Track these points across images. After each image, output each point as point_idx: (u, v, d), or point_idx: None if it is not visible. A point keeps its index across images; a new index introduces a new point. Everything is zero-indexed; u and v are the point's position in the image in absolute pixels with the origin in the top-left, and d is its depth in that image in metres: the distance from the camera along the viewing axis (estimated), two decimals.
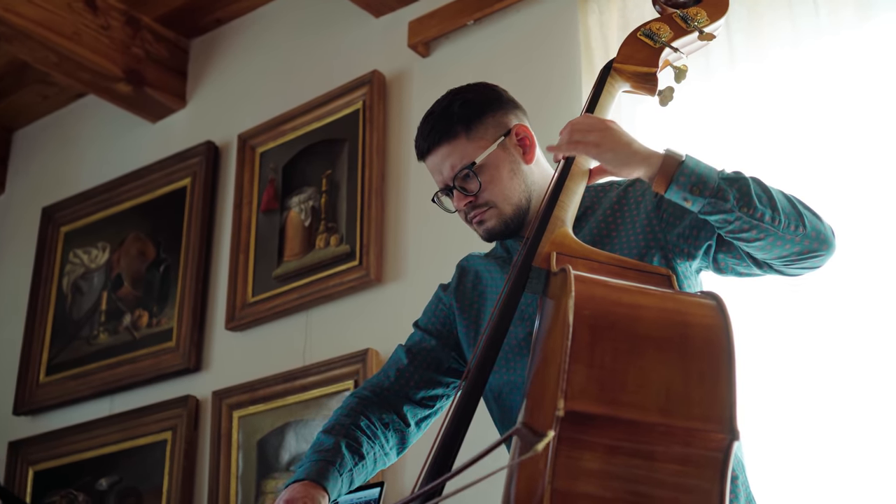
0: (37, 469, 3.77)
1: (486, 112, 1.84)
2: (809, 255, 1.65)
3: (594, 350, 1.30)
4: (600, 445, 1.27)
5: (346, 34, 3.62)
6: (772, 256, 1.65)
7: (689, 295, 1.48)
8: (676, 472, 1.28)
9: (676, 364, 1.31)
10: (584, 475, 1.27)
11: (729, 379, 1.31)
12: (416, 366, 1.92)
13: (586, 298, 1.34)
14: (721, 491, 1.29)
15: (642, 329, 1.34)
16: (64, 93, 4.32)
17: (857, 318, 2.32)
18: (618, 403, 1.27)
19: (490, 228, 1.83)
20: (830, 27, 2.54)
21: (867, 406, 2.26)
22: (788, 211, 1.62)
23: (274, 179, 3.58)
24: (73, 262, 4.06)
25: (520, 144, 1.85)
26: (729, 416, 1.29)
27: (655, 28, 1.83)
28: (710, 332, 1.35)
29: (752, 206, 1.59)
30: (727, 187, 1.60)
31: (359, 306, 3.23)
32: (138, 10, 3.92)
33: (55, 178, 4.31)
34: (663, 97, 1.80)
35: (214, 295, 3.61)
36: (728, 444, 1.29)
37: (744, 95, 2.63)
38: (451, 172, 1.81)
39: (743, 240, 1.64)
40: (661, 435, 1.28)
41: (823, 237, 1.65)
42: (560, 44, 3.07)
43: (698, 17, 1.82)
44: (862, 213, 2.38)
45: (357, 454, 1.80)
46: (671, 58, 1.83)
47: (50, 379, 3.88)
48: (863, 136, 2.44)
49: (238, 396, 3.34)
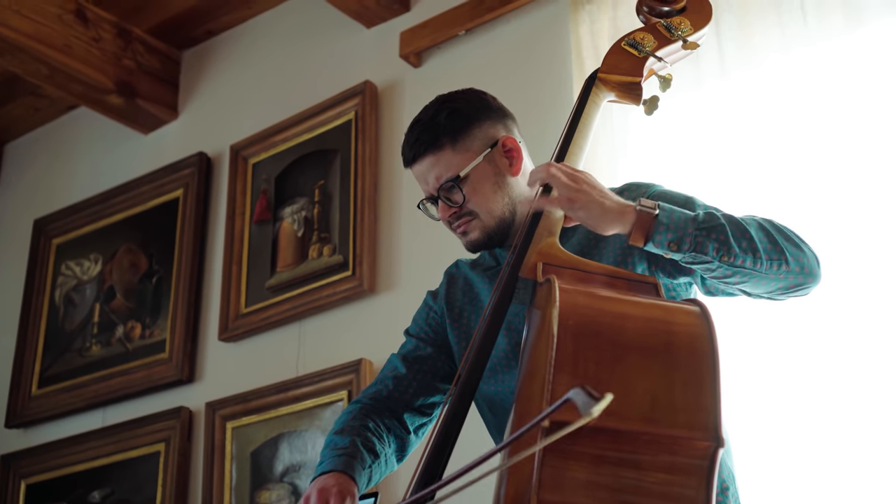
0: (29, 482, 3.75)
1: (474, 123, 1.83)
2: (796, 288, 1.66)
3: (578, 360, 1.30)
4: (586, 455, 1.27)
5: (338, 45, 3.63)
6: (759, 293, 1.67)
7: (674, 303, 1.48)
8: (662, 481, 1.28)
9: (661, 372, 1.32)
10: (571, 485, 1.27)
11: (713, 386, 1.32)
12: (415, 373, 1.91)
13: (571, 308, 1.34)
14: (707, 498, 1.29)
15: (626, 338, 1.34)
16: (55, 105, 4.31)
17: (851, 323, 2.33)
18: (603, 413, 1.27)
19: (473, 240, 1.82)
20: (820, 34, 2.55)
21: (861, 411, 2.26)
22: (769, 250, 1.61)
23: (266, 190, 3.58)
24: (65, 274, 4.05)
25: (506, 156, 1.84)
26: (714, 423, 1.29)
27: (639, 38, 1.84)
28: (694, 340, 1.35)
29: (733, 254, 1.58)
30: (704, 239, 1.58)
31: (352, 316, 3.23)
32: (129, 22, 3.92)
33: (47, 190, 4.31)
34: (648, 106, 1.81)
35: (207, 306, 3.61)
36: (713, 452, 1.29)
37: (735, 103, 2.64)
38: (436, 183, 1.81)
39: (728, 283, 1.65)
40: (647, 443, 1.28)
41: (808, 270, 1.65)
42: (552, 53, 3.08)
43: (682, 26, 1.83)
44: (854, 218, 2.39)
45: (372, 452, 1.79)
46: (656, 67, 1.84)
47: (42, 391, 3.86)
48: (854, 142, 2.45)
49: (231, 407, 3.33)
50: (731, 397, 2.27)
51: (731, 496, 1.68)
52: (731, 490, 1.68)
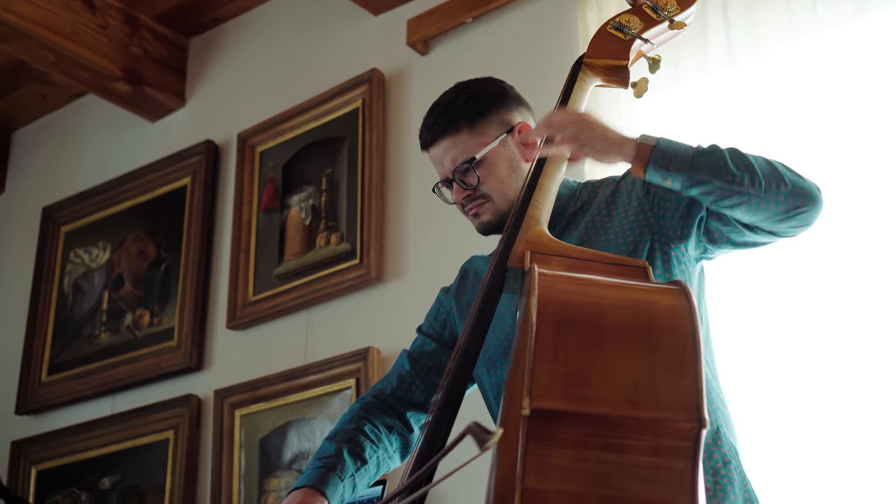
0: (39, 469, 3.77)
1: (491, 108, 1.87)
2: (796, 210, 1.65)
3: (559, 347, 1.30)
4: (570, 442, 1.27)
5: (345, 32, 3.62)
6: (759, 218, 1.66)
7: (655, 284, 1.47)
8: (647, 464, 1.27)
9: (641, 355, 1.31)
10: (555, 472, 1.26)
11: (695, 367, 1.30)
12: (418, 371, 1.93)
13: (550, 295, 1.34)
14: (693, 480, 1.28)
15: (606, 322, 1.33)
16: (63, 92, 4.31)
17: (854, 313, 2.33)
18: (584, 399, 1.27)
19: (485, 222, 1.85)
20: (828, 22, 2.54)
21: (865, 401, 2.26)
22: (767, 172, 1.63)
23: (274, 178, 3.58)
24: (73, 261, 4.06)
25: (521, 142, 1.87)
26: (696, 403, 1.28)
27: (625, 20, 1.83)
28: (674, 321, 1.34)
29: (730, 172, 1.60)
30: (702, 159, 1.61)
31: (359, 305, 3.23)
32: (136, 9, 3.92)
33: (55, 177, 4.31)
34: (638, 89, 1.80)
35: (215, 294, 3.62)
36: (697, 433, 1.27)
37: (742, 91, 2.63)
38: (452, 165, 1.84)
39: (727, 207, 1.64)
40: (630, 427, 1.27)
41: (808, 192, 1.65)
42: (559, 40, 3.07)
43: (668, 6, 1.82)
44: (861, 206, 2.39)
45: (359, 459, 1.81)
46: (644, 49, 1.83)
47: (52, 379, 3.88)
48: (861, 130, 2.44)
49: (240, 395, 3.34)
50: (738, 389, 2.28)
51: (734, 469, 1.67)
52: (733, 463, 1.68)
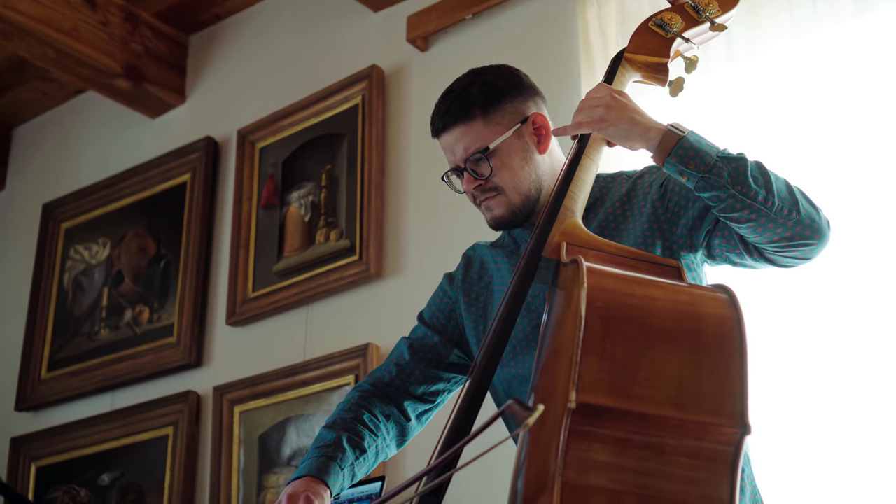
0: (39, 465, 3.78)
1: (506, 97, 1.83)
2: (801, 242, 1.63)
3: (606, 342, 1.29)
4: (611, 438, 1.27)
5: (345, 29, 3.62)
6: (763, 240, 1.64)
7: (702, 288, 1.47)
8: (687, 466, 1.28)
9: (688, 357, 1.31)
10: (595, 468, 1.26)
11: (741, 373, 1.31)
12: (417, 361, 1.90)
13: (599, 290, 1.33)
14: (731, 485, 1.28)
15: (654, 322, 1.33)
16: (63, 89, 4.32)
17: (862, 312, 2.32)
18: (629, 396, 1.27)
19: (497, 216, 1.81)
20: (829, 19, 2.54)
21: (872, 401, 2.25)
22: (784, 195, 1.61)
23: (274, 174, 3.58)
24: (73, 258, 4.06)
25: (535, 133, 1.83)
26: (740, 410, 1.29)
27: (667, 18, 1.81)
28: (722, 326, 1.34)
29: (746, 185, 1.58)
30: (723, 164, 1.59)
31: (359, 301, 3.23)
32: (137, 6, 3.92)
33: (55, 174, 4.31)
34: (674, 87, 1.78)
35: (215, 290, 3.62)
36: (739, 439, 1.28)
37: (743, 88, 2.63)
38: (464, 154, 1.80)
39: (735, 220, 1.62)
40: (672, 428, 1.27)
41: (817, 226, 1.63)
42: (559, 37, 3.07)
43: (710, 7, 1.80)
44: (862, 204, 2.38)
45: (358, 448, 1.80)
46: (682, 48, 1.81)
47: (51, 375, 3.88)
48: (861, 127, 2.44)
49: (239, 392, 3.34)
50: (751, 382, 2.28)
51: (746, 478, 1.67)
52: (746, 471, 1.68)
